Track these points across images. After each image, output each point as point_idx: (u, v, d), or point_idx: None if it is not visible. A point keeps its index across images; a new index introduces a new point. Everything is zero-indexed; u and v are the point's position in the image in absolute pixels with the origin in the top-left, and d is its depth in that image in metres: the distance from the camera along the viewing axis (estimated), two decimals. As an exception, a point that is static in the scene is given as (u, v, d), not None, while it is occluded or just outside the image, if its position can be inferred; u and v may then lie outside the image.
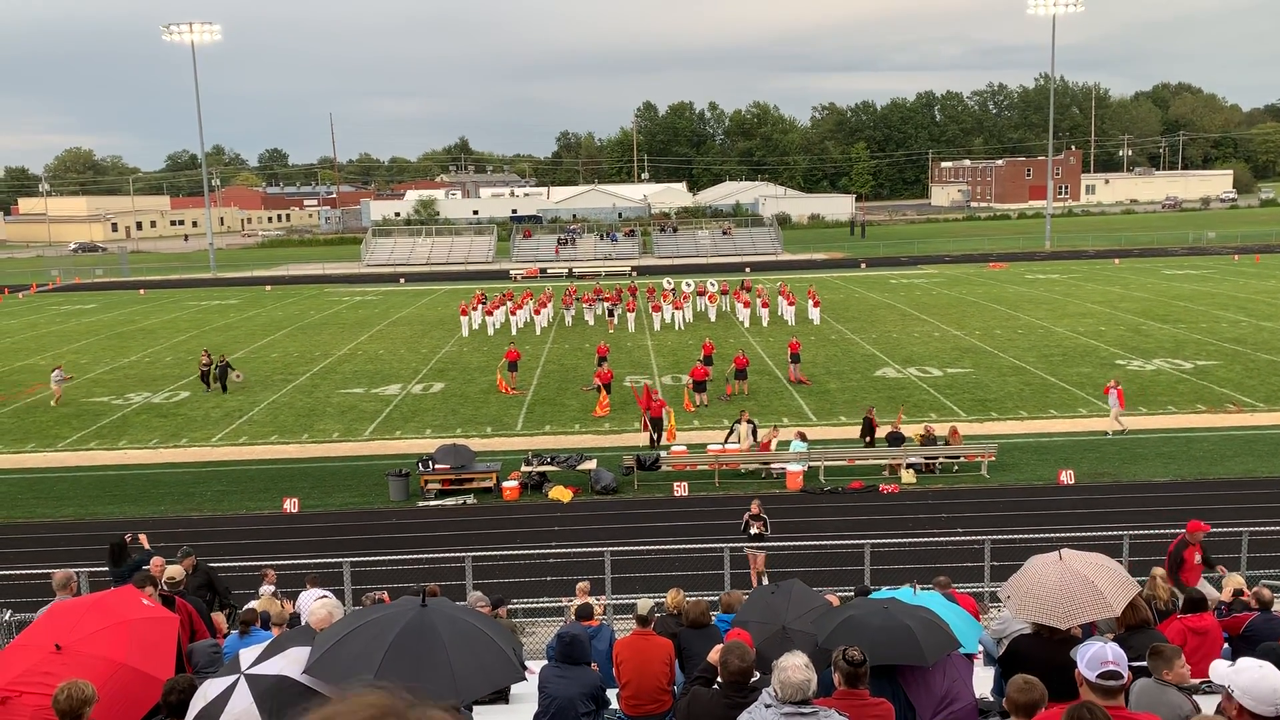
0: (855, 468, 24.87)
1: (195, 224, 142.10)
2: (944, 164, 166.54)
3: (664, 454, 25.27)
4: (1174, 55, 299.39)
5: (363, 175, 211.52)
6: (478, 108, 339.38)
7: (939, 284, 62.00)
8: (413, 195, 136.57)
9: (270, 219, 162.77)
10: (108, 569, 14.13)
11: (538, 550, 18.71)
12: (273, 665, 5.99)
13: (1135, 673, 6.02)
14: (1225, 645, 9.32)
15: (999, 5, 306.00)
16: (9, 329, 54.08)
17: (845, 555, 17.29)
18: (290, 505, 23.45)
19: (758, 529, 18.48)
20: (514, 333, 46.46)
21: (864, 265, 75.52)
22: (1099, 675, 5.09)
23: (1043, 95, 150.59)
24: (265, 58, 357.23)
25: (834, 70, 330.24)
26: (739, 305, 49.68)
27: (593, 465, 24.73)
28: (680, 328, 47.55)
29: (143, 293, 71.17)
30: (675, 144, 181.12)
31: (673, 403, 30.29)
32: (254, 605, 11.17)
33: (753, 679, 6.32)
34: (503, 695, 9.20)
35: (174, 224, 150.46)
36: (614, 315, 48.75)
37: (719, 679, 6.51)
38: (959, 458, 24.92)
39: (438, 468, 24.19)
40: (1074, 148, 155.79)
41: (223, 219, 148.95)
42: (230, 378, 35.91)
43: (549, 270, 76.29)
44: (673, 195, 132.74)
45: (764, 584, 14.23)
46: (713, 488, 24.13)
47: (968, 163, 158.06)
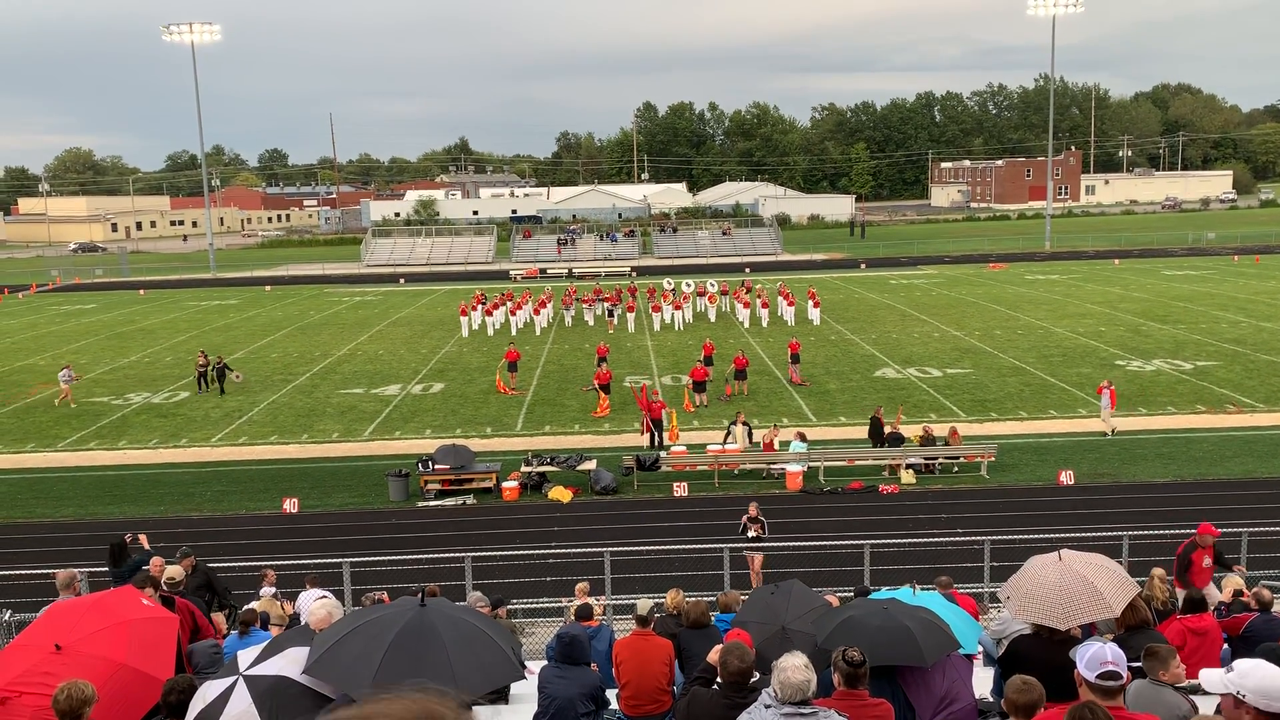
0: (855, 468, 24.88)
1: (195, 224, 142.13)
2: (944, 164, 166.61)
3: (664, 454, 25.29)
4: (1174, 55, 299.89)
5: (363, 175, 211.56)
6: (478, 108, 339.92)
7: (939, 284, 62.01)
8: (413, 195, 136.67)
9: (270, 219, 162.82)
10: (107, 569, 14.13)
11: (537, 550, 18.70)
12: (271, 666, 5.99)
13: (1133, 673, 6.02)
14: (1225, 646, 9.33)
15: (999, 5, 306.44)
16: (9, 329, 54.09)
17: (845, 556, 17.28)
18: (290, 505, 23.46)
19: (755, 531, 18.43)
20: (514, 333, 46.47)
21: (864, 266, 75.54)
22: (1098, 676, 5.09)
23: (1042, 96, 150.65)
24: (265, 58, 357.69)
25: (834, 70, 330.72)
26: (739, 306, 49.69)
27: (592, 465, 24.73)
28: (680, 328, 47.56)
29: (142, 293, 71.18)
30: (675, 144, 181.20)
31: (673, 403, 30.30)
32: (254, 606, 11.17)
33: (752, 679, 6.32)
34: (502, 695, 9.19)
35: (174, 224, 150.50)
36: (614, 316, 48.75)
37: (718, 679, 6.51)
38: (959, 458, 24.92)
39: (437, 468, 24.19)
40: (1074, 148, 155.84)
41: (222, 219, 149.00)
42: (229, 379, 35.88)
43: (549, 270, 76.32)
44: (672, 195, 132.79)
45: (763, 584, 14.21)
46: (712, 488, 24.13)
47: (967, 163, 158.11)
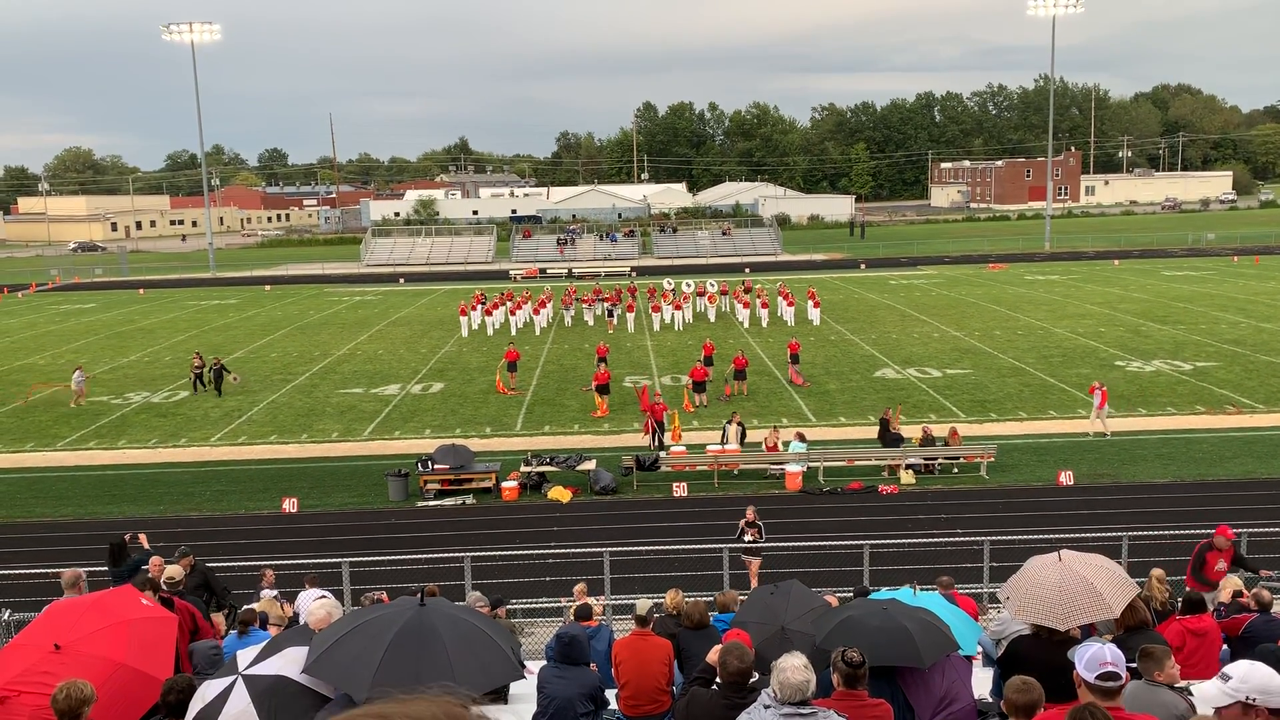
0: (854, 468, 24.88)
1: (195, 224, 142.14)
2: (943, 165, 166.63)
3: (663, 455, 25.29)
4: (1174, 56, 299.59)
5: (362, 175, 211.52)
6: (478, 108, 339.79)
7: (938, 285, 62.01)
8: (412, 195, 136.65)
9: (270, 219, 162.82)
10: (107, 568, 14.13)
11: (537, 550, 18.70)
12: (270, 665, 5.99)
13: (1131, 674, 6.02)
14: (1224, 647, 9.32)
15: (999, 6, 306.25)
16: (8, 328, 54.08)
17: (844, 556, 17.28)
18: (289, 505, 23.45)
19: (752, 536, 18.27)
20: (513, 333, 46.46)
21: (863, 266, 75.53)
22: (1098, 677, 5.09)
23: (1042, 96, 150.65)
24: (265, 58, 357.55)
25: (834, 71, 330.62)
26: (738, 306, 49.69)
27: (592, 465, 24.72)
28: (680, 328, 47.56)
29: (142, 292, 71.17)
30: (675, 144, 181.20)
31: (672, 404, 30.28)
32: (253, 606, 11.16)
33: (752, 679, 6.32)
34: (501, 695, 9.18)
35: (174, 224, 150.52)
36: (613, 316, 48.75)
37: (718, 679, 6.51)
38: (958, 459, 24.92)
39: (437, 468, 24.18)
40: (1074, 149, 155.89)
41: (222, 219, 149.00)
42: (226, 380, 35.73)
43: (549, 270, 76.32)
44: (672, 196, 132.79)
45: (763, 584, 14.17)
46: (712, 488, 24.13)
47: (967, 163, 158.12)
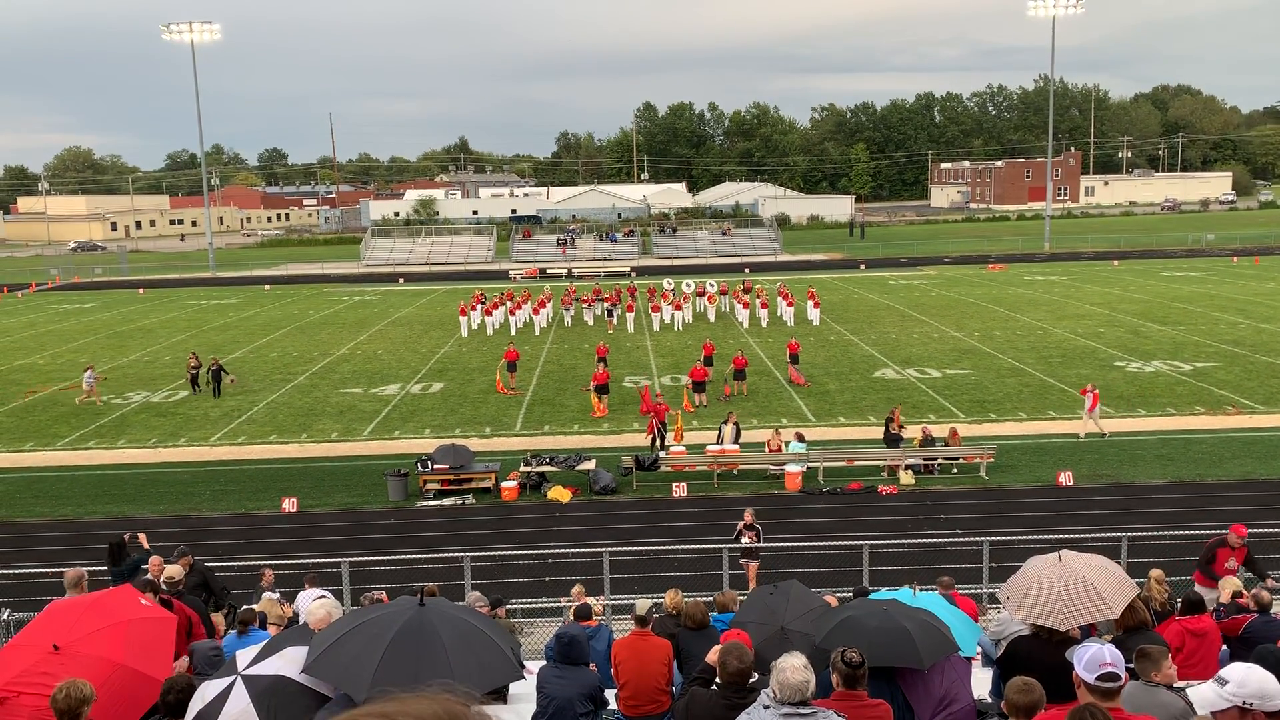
0: (854, 469, 24.88)
1: (194, 223, 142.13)
2: (943, 165, 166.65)
3: (663, 455, 25.28)
4: (1174, 57, 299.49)
5: (362, 175, 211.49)
6: (478, 108, 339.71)
7: (938, 285, 62.01)
8: (412, 195, 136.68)
9: (269, 219, 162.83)
10: (106, 568, 14.12)
11: (536, 550, 18.70)
12: (269, 665, 5.98)
13: (1130, 674, 6.02)
14: (1223, 648, 9.32)
15: (999, 6, 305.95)
16: (8, 328, 54.07)
17: (844, 556, 17.28)
18: (289, 505, 23.43)
19: (750, 538, 18.22)
20: (513, 333, 46.45)
21: (863, 266, 75.53)
22: (1098, 677, 5.08)
23: (1042, 96, 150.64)
24: (265, 58, 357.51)
25: (834, 71, 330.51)
26: (738, 306, 49.69)
27: (592, 465, 24.72)
28: (679, 328, 47.56)
29: (142, 292, 71.17)
30: (675, 144, 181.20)
31: (673, 404, 30.27)
32: (253, 606, 11.15)
33: (751, 680, 6.32)
34: (501, 695, 9.17)
35: (173, 223, 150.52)
36: (613, 316, 48.75)
37: (718, 680, 6.51)
38: (958, 459, 24.92)
39: (436, 468, 24.18)
40: (1073, 149, 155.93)
41: (222, 218, 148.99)
42: (224, 382, 35.63)
43: (548, 270, 76.31)
44: (672, 196, 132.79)
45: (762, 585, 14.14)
46: (711, 488, 24.12)
47: (967, 164, 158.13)
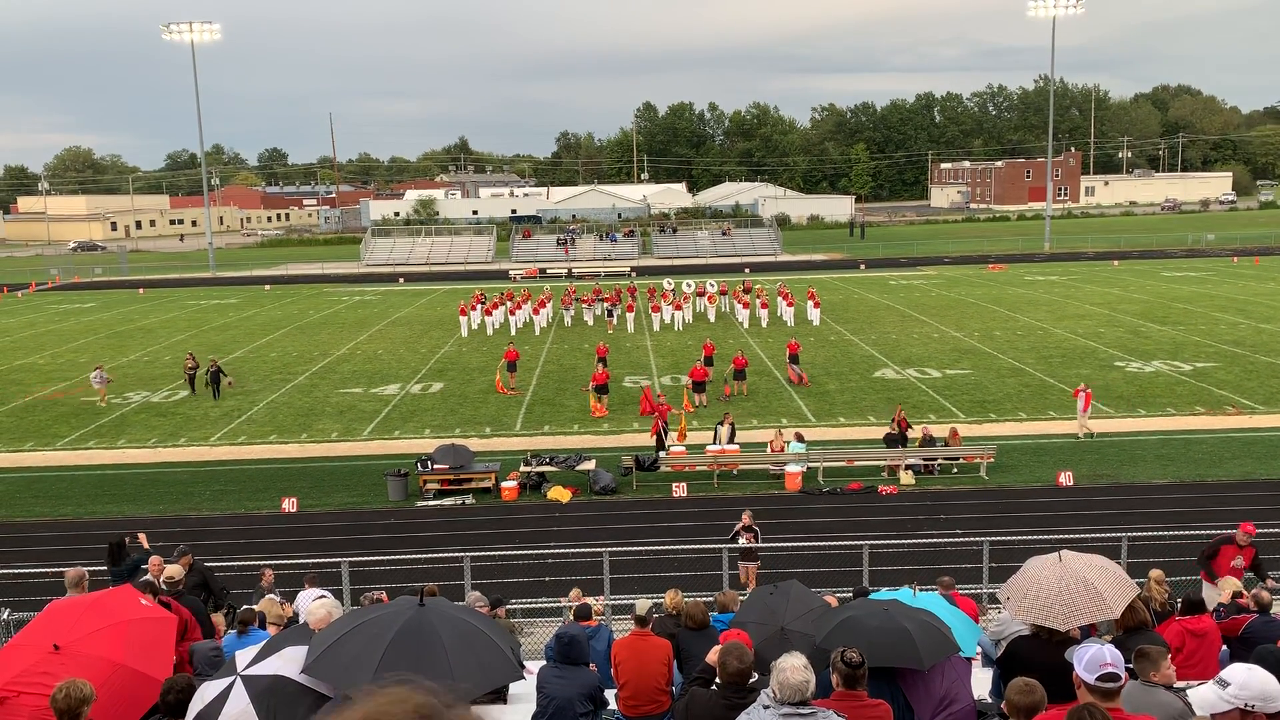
0: (854, 469, 24.88)
1: (194, 223, 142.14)
2: (943, 165, 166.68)
3: (663, 455, 25.27)
4: (1174, 57, 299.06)
5: (362, 175, 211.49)
6: (478, 108, 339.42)
7: (938, 285, 62.02)
8: (412, 195, 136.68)
9: (270, 218, 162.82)
10: (106, 568, 14.12)
11: (536, 550, 18.70)
12: (269, 665, 5.98)
13: (1130, 674, 6.01)
14: (1223, 648, 9.32)
15: (999, 6, 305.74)
16: (8, 328, 54.07)
17: (844, 556, 17.28)
18: (289, 505, 23.44)
19: (748, 540, 18.18)
20: (513, 333, 46.46)
21: (863, 266, 75.54)
22: (1098, 678, 5.08)
23: (1042, 97, 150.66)
24: (265, 58, 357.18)
25: (834, 71, 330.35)
26: (738, 306, 49.69)
27: (592, 465, 24.71)
28: (679, 328, 47.57)
29: (141, 292, 71.17)
30: (675, 144, 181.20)
31: (673, 404, 30.26)
32: (253, 606, 11.15)
33: (751, 680, 6.31)
34: (501, 695, 9.17)
35: (173, 223, 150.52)
36: (613, 316, 48.76)
37: (717, 680, 6.51)
38: (958, 459, 24.92)
39: (436, 468, 24.17)
40: (1073, 149, 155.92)
41: (222, 218, 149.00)
42: (222, 384, 35.52)
43: (548, 270, 76.31)
44: (672, 196, 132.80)
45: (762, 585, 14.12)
46: (711, 489, 24.12)
47: (967, 164, 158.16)
